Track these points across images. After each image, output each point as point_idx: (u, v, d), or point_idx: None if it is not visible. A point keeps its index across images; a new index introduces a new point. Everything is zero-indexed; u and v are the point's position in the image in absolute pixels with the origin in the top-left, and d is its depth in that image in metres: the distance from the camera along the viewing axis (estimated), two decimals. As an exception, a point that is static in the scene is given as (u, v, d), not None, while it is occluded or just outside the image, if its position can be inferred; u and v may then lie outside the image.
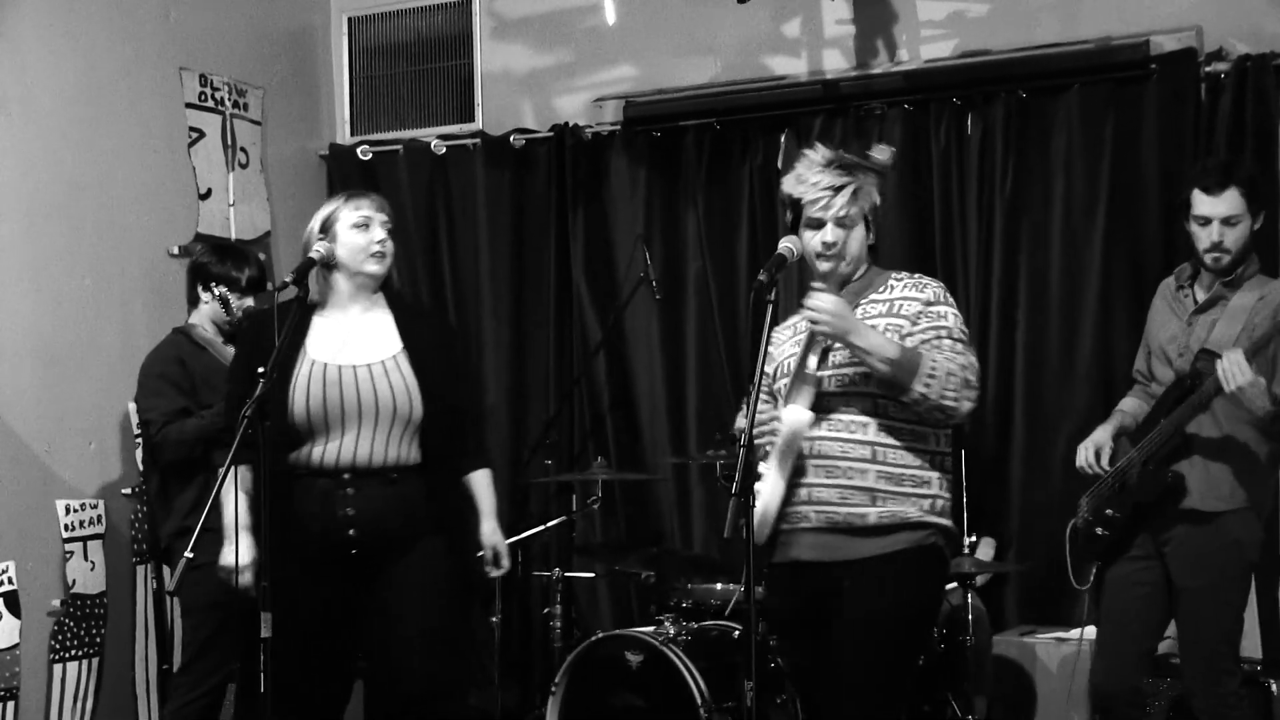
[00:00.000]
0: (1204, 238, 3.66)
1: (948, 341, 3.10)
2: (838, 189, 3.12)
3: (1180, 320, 3.77)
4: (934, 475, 3.13)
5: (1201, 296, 3.75)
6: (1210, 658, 3.68)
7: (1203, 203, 3.66)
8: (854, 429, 3.09)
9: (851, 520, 3.08)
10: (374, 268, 3.55)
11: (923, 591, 3.17)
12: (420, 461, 3.50)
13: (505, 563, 3.69)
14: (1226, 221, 3.63)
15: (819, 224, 3.15)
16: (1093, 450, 3.82)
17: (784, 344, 3.28)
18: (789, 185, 3.19)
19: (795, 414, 3.07)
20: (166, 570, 4.67)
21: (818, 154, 3.19)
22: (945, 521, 3.15)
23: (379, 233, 3.54)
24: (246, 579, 3.46)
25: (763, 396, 3.15)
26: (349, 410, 3.43)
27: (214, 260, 4.34)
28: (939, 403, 3.02)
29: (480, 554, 3.72)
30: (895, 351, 3.01)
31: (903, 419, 3.09)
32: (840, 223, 3.14)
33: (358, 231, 3.53)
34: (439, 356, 3.56)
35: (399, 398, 3.45)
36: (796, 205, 3.18)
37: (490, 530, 3.68)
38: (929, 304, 3.14)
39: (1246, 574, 3.76)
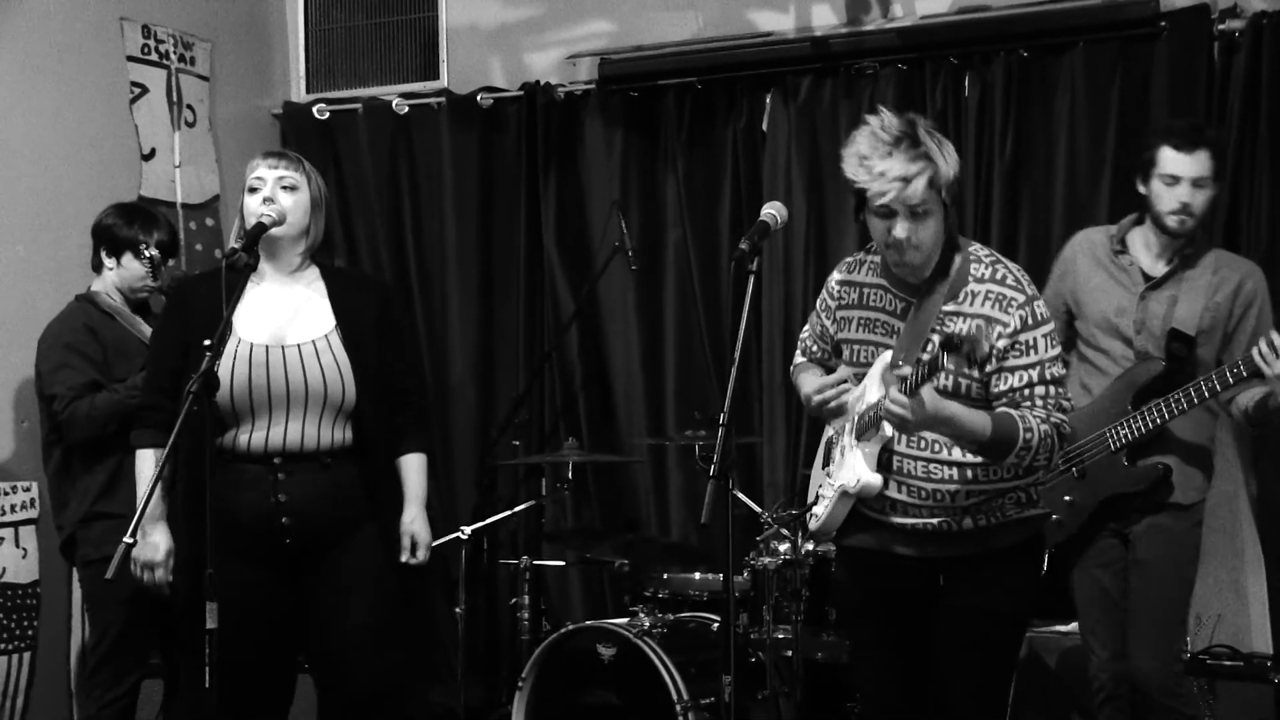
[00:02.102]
0: (1169, 198, 3.60)
1: (1040, 389, 2.91)
2: (909, 179, 2.82)
3: (1128, 292, 3.67)
4: (1021, 469, 3.03)
5: (1147, 263, 3.67)
6: (1167, 632, 3.67)
7: (1172, 160, 3.58)
8: (937, 449, 2.98)
9: (945, 527, 3.02)
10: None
11: (1025, 586, 3.11)
12: (354, 445, 3.41)
13: (422, 554, 3.51)
14: (1196, 183, 3.57)
15: (888, 213, 2.88)
16: None
17: (851, 313, 3.10)
18: (850, 169, 2.88)
19: (867, 476, 3.00)
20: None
21: (885, 129, 2.86)
22: (1039, 510, 3.09)
23: (268, 191, 3.39)
24: (160, 575, 3.40)
25: (819, 346, 3.24)
26: (277, 395, 3.33)
27: (120, 223, 4.12)
28: (1029, 466, 2.93)
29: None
30: (987, 433, 2.86)
31: None
32: (914, 214, 2.86)
33: (251, 195, 3.41)
34: (377, 332, 3.46)
35: (330, 381, 3.35)
36: (859, 190, 2.90)
37: (410, 518, 3.52)
38: (1015, 334, 2.89)
39: (1199, 554, 3.76)
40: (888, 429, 2.95)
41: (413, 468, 3.53)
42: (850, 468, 3.02)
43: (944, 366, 2.71)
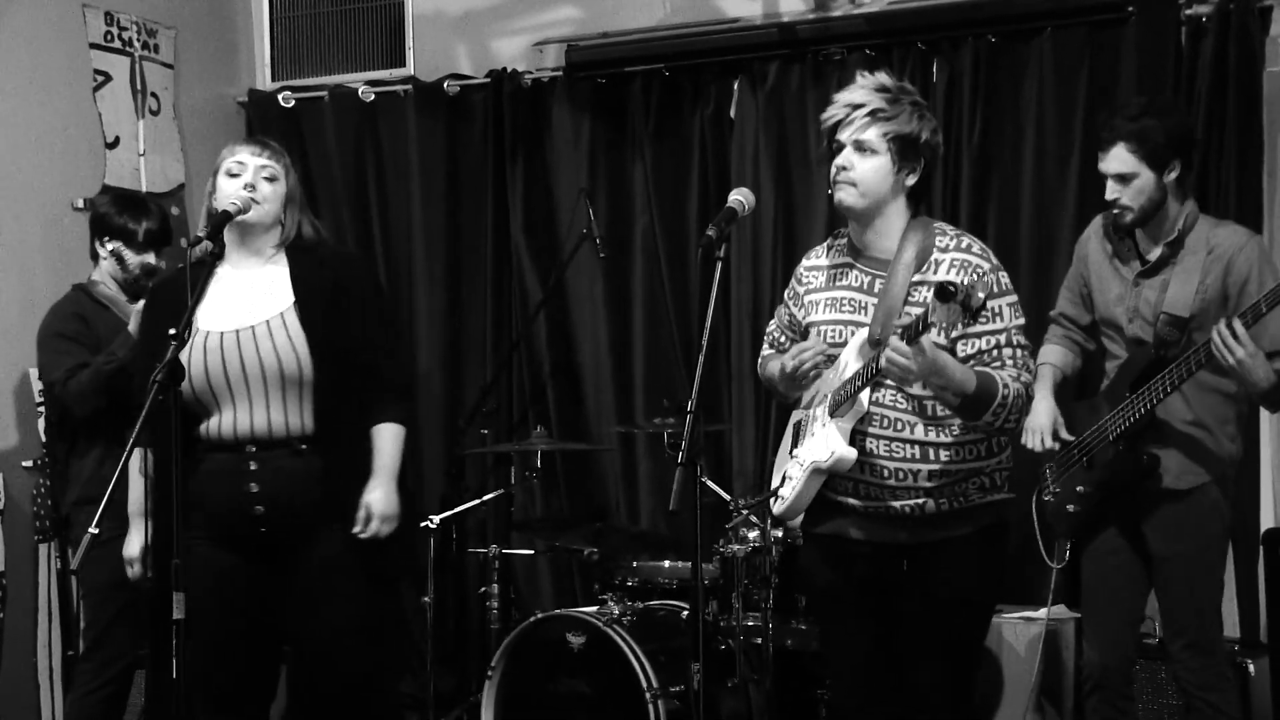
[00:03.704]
0: (1107, 194, 3.63)
1: (1008, 351, 2.98)
2: (858, 105, 2.98)
3: (1125, 280, 3.66)
4: (984, 449, 3.05)
5: (1144, 246, 3.65)
6: (1201, 625, 3.63)
7: (1099, 159, 3.63)
8: (900, 427, 2.99)
9: (908, 510, 3.03)
10: (241, 217, 3.37)
11: (989, 572, 3.11)
12: (329, 428, 3.32)
13: (376, 527, 3.30)
14: (1119, 178, 3.58)
15: (839, 146, 3.02)
16: (1049, 430, 3.72)
17: (818, 296, 3.13)
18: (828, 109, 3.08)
19: (841, 449, 3.00)
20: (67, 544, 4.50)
21: (873, 77, 3.05)
22: (1004, 495, 3.10)
23: (249, 178, 3.36)
24: (135, 571, 3.46)
25: (787, 337, 3.23)
26: (234, 379, 3.28)
27: (113, 212, 4.15)
28: (1001, 427, 2.95)
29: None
30: (973, 385, 2.89)
31: (946, 413, 3.00)
32: (857, 146, 2.98)
33: (230, 179, 3.38)
34: (339, 305, 3.35)
35: (285, 359, 3.27)
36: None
37: (370, 488, 3.33)
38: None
39: (1225, 540, 3.74)
40: (864, 403, 2.96)
41: (383, 437, 3.37)
42: (823, 443, 3.01)
43: (936, 318, 2.72)
